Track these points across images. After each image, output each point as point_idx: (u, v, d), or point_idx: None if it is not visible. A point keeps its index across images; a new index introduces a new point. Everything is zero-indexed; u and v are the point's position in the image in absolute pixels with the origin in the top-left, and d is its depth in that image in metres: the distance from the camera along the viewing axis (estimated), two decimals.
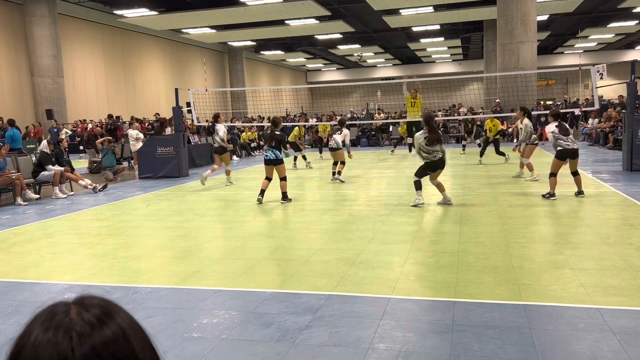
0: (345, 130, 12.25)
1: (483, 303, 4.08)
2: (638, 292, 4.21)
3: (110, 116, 19.40)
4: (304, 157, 15.77)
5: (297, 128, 17.54)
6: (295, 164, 15.71)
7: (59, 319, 0.74)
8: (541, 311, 3.89)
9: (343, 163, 12.00)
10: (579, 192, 8.61)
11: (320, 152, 19.34)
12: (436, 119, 12.69)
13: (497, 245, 5.78)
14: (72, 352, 0.72)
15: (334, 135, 12.12)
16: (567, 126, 8.70)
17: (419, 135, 8.17)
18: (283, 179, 9.25)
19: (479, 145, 16.39)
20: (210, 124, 13.43)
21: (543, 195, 8.69)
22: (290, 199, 9.30)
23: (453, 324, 3.70)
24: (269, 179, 9.33)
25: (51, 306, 0.78)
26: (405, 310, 4.03)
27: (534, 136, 11.05)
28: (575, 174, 8.65)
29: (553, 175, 8.60)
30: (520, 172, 11.40)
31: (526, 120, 11.05)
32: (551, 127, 8.64)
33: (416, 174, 8.37)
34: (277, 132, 9.26)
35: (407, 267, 5.14)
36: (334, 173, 11.97)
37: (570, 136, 8.54)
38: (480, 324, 3.69)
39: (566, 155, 8.51)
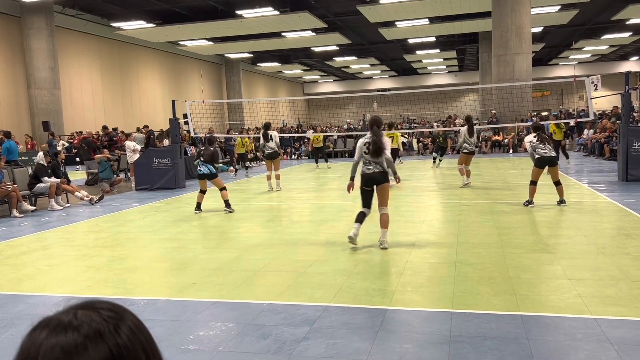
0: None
1: (480, 314, 4.07)
2: (635, 302, 4.21)
3: (104, 127, 19.30)
4: (236, 169, 16.84)
5: (240, 139, 18.95)
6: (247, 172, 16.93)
7: (70, 320, 0.72)
8: (539, 321, 3.89)
9: None
10: (561, 201, 8.83)
11: (317, 162, 19.56)
12: (432, 130, 12.76)
13: (494, 256, 5.78)
14: (110, 342, 0.70)
15: None
16: (546, 137, 9.11)
17: (361, 142, 6.54)
18: (223, 189, 9.73)
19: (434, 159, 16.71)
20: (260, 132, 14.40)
21: (523, 204, 9.02)
22: (233, 210, 9.61)
23: (450, 335, 3.69)
24: (203, 192, 9.80)
25: (52, 315, 0.75)
26: (402, 322, 4.02)
27: (464, 144, 11.81)
28: (557, 183, 8.89)
29: (533, 183, 8.93)
30: (466, 180, 11.95)
31: (463, 128, 11.92)
32: (529, 137, 9.04)
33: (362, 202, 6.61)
34: (211, 149, 9.79)
35: (405, 278, 5.13)
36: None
37: (548, 145, 8.84)
38: (477, 334, 3.68)
39: (544, 163, 8.79)
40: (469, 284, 4.81)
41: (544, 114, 28.50)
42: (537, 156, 8.82)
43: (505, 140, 22.85)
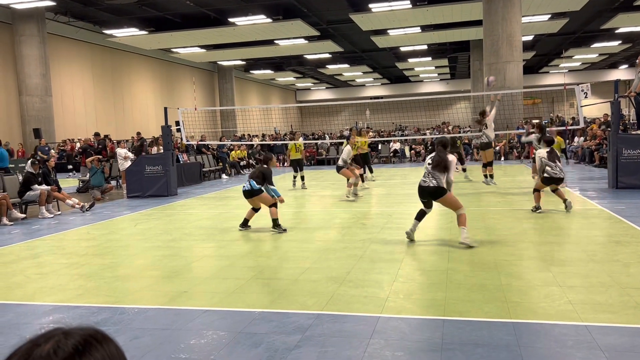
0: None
1: (472, 321, 4.08)
2: (626, 309, 4.23)
3: (97, 134, 19.23)
4: (302, 177, 14.78)
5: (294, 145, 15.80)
6: (294, 182, 14.96)
7: (34, 350, 0.72)
8: (530, 329, 3.90)
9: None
10: (565, 203, 8.83)
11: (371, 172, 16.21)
12: (424, 137, 12.83)
13: (486, 263, 5.79)
14: None
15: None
16: (557, 154, 8.87)
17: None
18: (272, 205, 8.38)
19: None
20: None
21: (531, 209, 9.03)
22: (285, 229, 8.31)
23: (442, 342, 3.69)
24: (254, 209, 8.63)
25: (36, 336, 0.75)
26: (394, 329, 4.02)
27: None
28: (554, 190, 8.93)
29: (536, 191, 9.02)
30: (353, 190, 11.94)
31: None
32: (542, 152, 8.82)
33: None
34: (265, 166, 8.64)
35: (397, 285, 5.14)
36: (489, 176, 13.02)
37: (558, 164, 8.67)
38: (469, 342, 3.68)
39: (551, 182, 8.76)
40: (461, 292, 4.82)
41: (534, 121, 28.70)
42: (545, 175, 8.61)
43: (497, 148, 22.97)
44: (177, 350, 3.77)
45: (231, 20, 23.66)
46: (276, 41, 28.62)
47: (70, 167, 22.90)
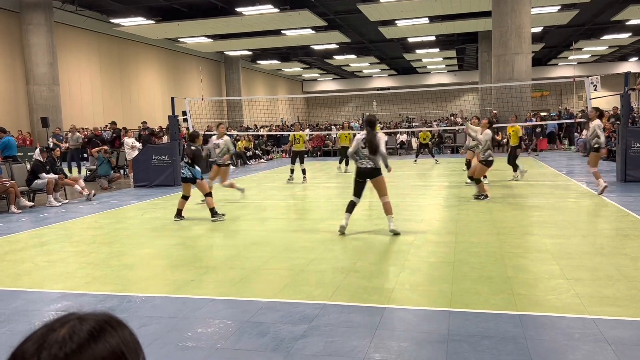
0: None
1: (478, 313, 4.07)
2: (633, 302, 4.22)
3: (113, 123, 19.31)
4: (303, 171, 14.15)
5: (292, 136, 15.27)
6: (291, 176, 14.25)
7: (49, 335, 0.73)
8: (536, 321, 3.89)
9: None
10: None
11: (340, 163, 17.02)
12: (431, 129, 12.81)
13: (493, 255, 5.78)
14: None
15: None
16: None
17: (359, 137, 7.11)
18: (207, 195, 8.64)
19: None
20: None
21: (477, 197, 9.61)
22: (223, 214, 8.63)
23: (449, 333, 3.70)
24: (185, 197, 8.73)
25: (51, 321, 0.76)
26: (400, 320, 4.02)
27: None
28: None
29: (479, 180, 9.76)
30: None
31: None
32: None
33: None
34: (192, 148, 8.58)
35: (403, 276, 5.14)
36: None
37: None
38: (475, 333, 3.68)
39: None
40: (468, 283, 4.81)
41: (542, 114, 28.53)
42: (491, 159, 7.88)
43: (504, 140, 22.86)
44: (184, 339, 3.79)
45: (238, 10, 23.57)
46: (283, 31, 28.49)
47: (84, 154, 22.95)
